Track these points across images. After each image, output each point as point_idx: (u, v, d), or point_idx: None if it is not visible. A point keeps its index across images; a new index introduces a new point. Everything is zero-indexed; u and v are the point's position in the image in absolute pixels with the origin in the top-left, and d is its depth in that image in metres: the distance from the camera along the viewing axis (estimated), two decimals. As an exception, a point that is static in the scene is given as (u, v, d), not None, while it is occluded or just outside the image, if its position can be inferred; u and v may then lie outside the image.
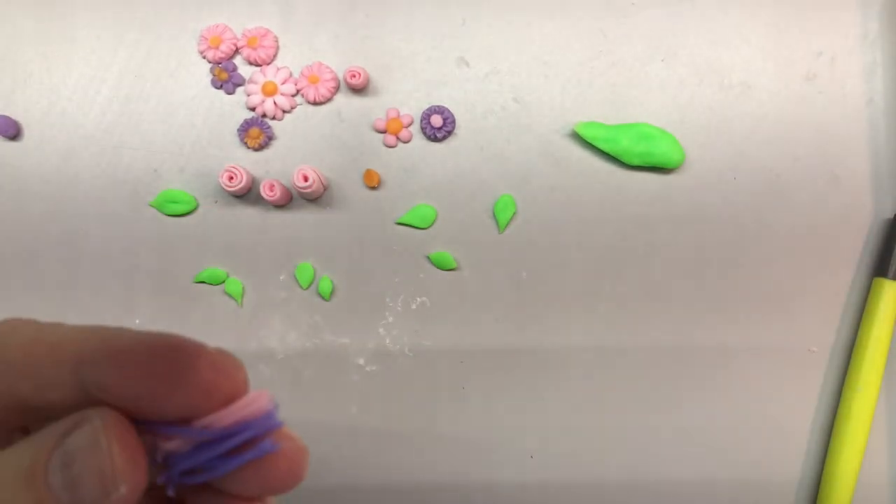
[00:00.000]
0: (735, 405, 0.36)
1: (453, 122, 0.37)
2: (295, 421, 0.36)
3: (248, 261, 0.36)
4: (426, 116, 0.37)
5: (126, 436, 0.17)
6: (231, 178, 0.35)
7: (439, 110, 0.37)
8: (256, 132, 0.36)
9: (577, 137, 0.37)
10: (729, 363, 0.36)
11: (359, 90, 0.37)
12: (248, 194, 0.37)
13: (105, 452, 0.17)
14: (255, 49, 0.37)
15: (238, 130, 0.37)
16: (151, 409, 0.18)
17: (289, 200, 0.37)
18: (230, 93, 0.37)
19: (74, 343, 0.18)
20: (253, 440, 0.18)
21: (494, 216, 0.36)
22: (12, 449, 0.17)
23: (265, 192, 0.35)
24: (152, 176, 0.37)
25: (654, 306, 0.36)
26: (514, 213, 0.36)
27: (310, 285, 0.36)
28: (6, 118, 0.36)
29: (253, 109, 0.37)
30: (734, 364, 0.36)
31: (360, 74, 0.36)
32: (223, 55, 0.37)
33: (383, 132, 0.37)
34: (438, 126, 0.36)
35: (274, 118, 0.37)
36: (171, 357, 0.17)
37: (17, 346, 0.18)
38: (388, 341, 0.36)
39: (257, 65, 0.37)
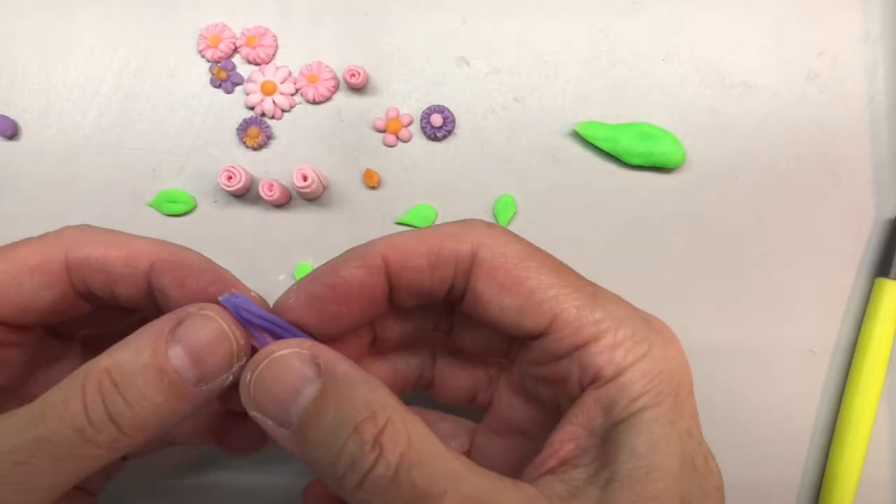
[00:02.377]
0: (735, 406, 0.36)
1: (453, 121, 0.37)
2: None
3: (247, 261, 0.36)
4: (426, 116, 0.36)
5: (235, 320, 0.22)
6: (230, 177, 0.35)
7: (439, 110, 0.36)
8: (255, 131, 0.36)
9: (577, 137, 0.37)
10: (729, 363, 0.36)
11: (358, 89, 0.37)
12: (247, 194, 0.36)
13: (228, 333, 0.21)
14: (254, 48, 0.37)
15: (237, 130, 0.37)
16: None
17: (288, 200, 0.36)
18: (229, 92, 0.37)
19: (148, 253, 0.23)
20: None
21: (494, 216, 0.36)
22: (117, 353, 0.21)
23: (264, 192, 0.35)
24: (151, 176, 0.37)
25: (654, 306, 0.36)
26: (514, 213, 0.36)
27: (309, 285, 0.36)
28: (4, 118, 0.36)
29: (252, 108, 0.37)
30: (734, 364, 0.36)
31: (359, 73, 0.36)
32: (222, 54, 0.37)
33: (383, 132, 0.37)
34: (438, 125, 0.36)
35: (273, 117, 0.37)
36: (222, 291, 0.22)
37: (94, 245, 0.23)
38: (387, 342, 0.36)
39: (256, 64, 0.37)
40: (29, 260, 0.22)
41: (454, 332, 0.26)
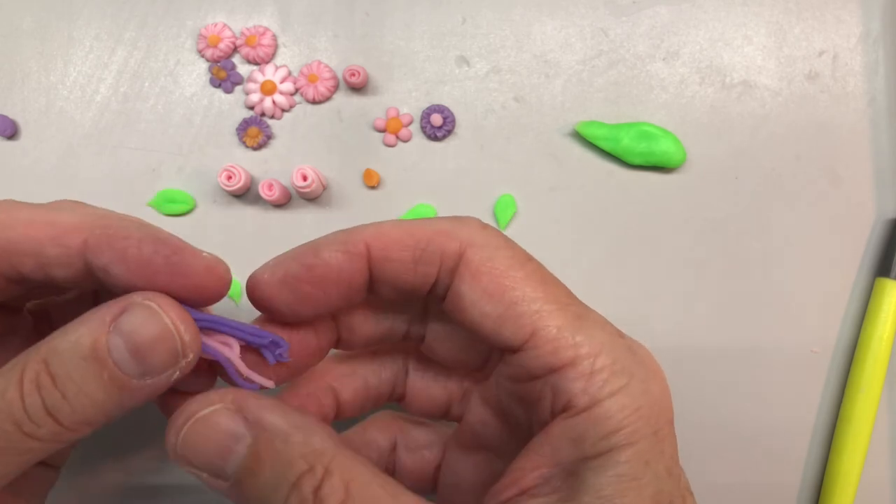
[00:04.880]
0: (735, 406, 0.36)
1: (453, 121, 0.37)
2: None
3: (247, 261, 0.36)
4: (426, 115, 0.36)
5: (183, 313, 0.20)
6: (230, 177, 0.34)
7: (439, 109, 0.36)
8: (255, 131, 0.36)
9: (577, 136, 0.37)
10: (729, 363, 0.36)
11: (358, 89, 0.37)
12: (246, 194, 0.36)
13: (171, 327, 0.19)
14: (253, 48, 0.37)
15: (237, 129, 0.37)
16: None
17: (288, 200, 0.36)
18: (228, 91, 0.37)
19: (80, 230, 0.20)
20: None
21: (494, 216, 0.36)
22: (57, 341, 0.19)
23: (264, 192, 0.35)
24: (150, 175, 0.37)
25: (654, 306, 0.36)
26: (514, 213, 0.36)
27: (309, 285, 0.36)
28: (3, 117, 0.36)
29: (252, 108, 0.37)
30: (734, 364, 0.36)
31: (359, 73, 0.36)
32: (221, 54, 0.37)
33: (383, 131, 0.37)
34: (438, 125, 0.36)
35: (273, 117, 0.37)
36: (170, 257, 0.20)
37: (14, 227, 0.20)
38: (387, 342, 0.36)
39: (256, 63, 0.37)
40: None
41: (427, 340, 0.25)
